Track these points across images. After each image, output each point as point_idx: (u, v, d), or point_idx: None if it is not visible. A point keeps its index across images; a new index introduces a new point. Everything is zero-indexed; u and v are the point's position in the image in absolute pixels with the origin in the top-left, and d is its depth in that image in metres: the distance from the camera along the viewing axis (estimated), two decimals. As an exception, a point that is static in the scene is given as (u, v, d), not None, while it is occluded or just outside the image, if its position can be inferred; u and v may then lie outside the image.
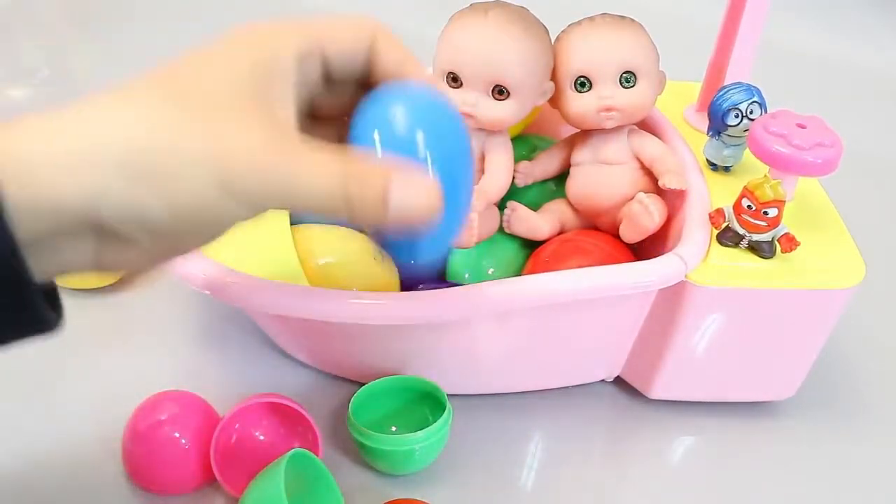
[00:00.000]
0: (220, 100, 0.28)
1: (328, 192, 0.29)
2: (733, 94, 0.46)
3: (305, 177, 0.28)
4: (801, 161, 0.42)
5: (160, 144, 0.27)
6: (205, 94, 0.28)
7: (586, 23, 0.47)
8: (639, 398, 0.51)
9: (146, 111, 0.27)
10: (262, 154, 0.28)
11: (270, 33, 0.31)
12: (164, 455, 0.42)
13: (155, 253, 0.30)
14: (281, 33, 0.31)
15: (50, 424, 0.46)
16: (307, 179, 0.28)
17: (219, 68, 0.29)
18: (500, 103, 0.45)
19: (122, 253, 0.29)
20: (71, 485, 0.43)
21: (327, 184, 0.29)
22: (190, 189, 0.27)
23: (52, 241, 0.27)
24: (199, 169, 0.27)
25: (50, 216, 0.26)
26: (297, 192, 0.29)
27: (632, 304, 0.45)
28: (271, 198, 0.29)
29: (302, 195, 0.29)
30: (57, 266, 0.29)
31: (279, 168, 0.28)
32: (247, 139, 0.28)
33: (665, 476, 0.47)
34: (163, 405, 0.42)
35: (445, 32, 0.45)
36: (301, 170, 0.28)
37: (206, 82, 0.29)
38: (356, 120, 0.33)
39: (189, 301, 0.54)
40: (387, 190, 0.29)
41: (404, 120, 0.32)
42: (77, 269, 0.29)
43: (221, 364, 0.51)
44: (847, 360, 0.55)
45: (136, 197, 0.27)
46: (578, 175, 0.49)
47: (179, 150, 0.27)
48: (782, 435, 0.50)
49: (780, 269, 0.43)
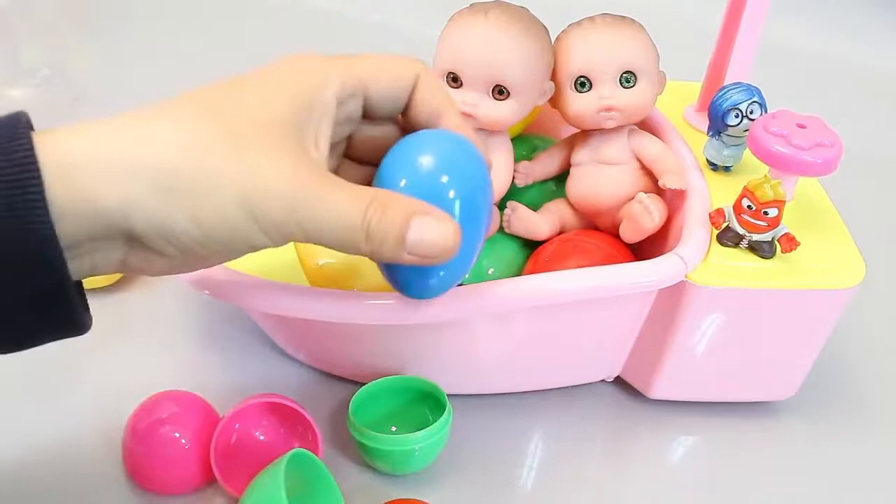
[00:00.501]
0: (256, 128, 0.29)
1: (349, 225, 0.30)
2: (733, 94, 0.46)
3: (327, 211, 0.29)
4: (801, 161, 0.42)
5: (190, 164, 0.28)
6: (241, 122, 0.29)
7: (586, 23, 0.47)
8: (639, 398, 0.51)
9: (183, 131, 0.29)
10: (286, 185, 0.29)
11: (315, 69, 0.32)
12: (164, 455, 0.42)
13: (180, 263, 0.31)
14: (326, 70, 0.32)
15: (50, 424, 0.46)
16: (329, 213, 0.30)
17: (259, 97, 0.30)
18: (501, 103, 0.45)
19: (149, 261, 0.30)
20: (71, 484, 0.43)
21: (348, 217, 0.30)
22: (216, 210, 0.28)
23: (87, 244, 0.28)
24: (225, 192, 0.28)
25: (87, 220, 0.27)
26: (318, 224, 0.30)
27: (632, 304, 0.45)
28: (293, 228, 0.30)
29: (323, 228, 0.30)
30: (88, 268, 0.29)
31: (301, 201, 0.29)
32: (274, 170, 0.29)
33: (665, 476, 0.47)
34: (163, 405, 0.43)
35: (445, 32, 0.45)
36: (324, 204, 0.29)
37: (245, 109, 0.30)
38: (386, 161, 0.34)
39: (189, 301, 0.54)
40: (407, 227, 0.31)
41: (433, 164, 0.33)
42: (104, 271, 0.30)
43: (221, 364, 0.51)
44: (847, 360, 0.55)
45: (165, 211, 0.28)
46: (578, 175, 0.49)
47: (208, 172, 0.28)
48: (782, 435, 0.50)
49: (780, 269, 0.43)
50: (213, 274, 0.41)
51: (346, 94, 0.33)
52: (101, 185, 0.27)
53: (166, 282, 0.55)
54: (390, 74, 0.34)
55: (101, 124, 0.28)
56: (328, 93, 0.32)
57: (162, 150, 0.28)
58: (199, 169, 0.28)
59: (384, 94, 0.34)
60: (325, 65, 0.33)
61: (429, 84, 0.35)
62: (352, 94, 0.33)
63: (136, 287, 0.55)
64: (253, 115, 0.30)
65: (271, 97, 0.31)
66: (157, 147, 0.28)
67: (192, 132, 0.29)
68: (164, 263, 0.30)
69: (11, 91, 0.75)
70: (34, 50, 0.83)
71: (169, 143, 0.28)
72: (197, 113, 0.29)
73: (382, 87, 0.34)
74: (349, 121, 0.35)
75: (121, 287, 0.55)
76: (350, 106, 0.34)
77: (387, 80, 0.34)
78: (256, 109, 0.30)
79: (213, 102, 0.30)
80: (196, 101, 0.30)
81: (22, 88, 0.75)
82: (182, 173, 0.28)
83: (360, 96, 0.34)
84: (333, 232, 0.30)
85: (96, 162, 0.27)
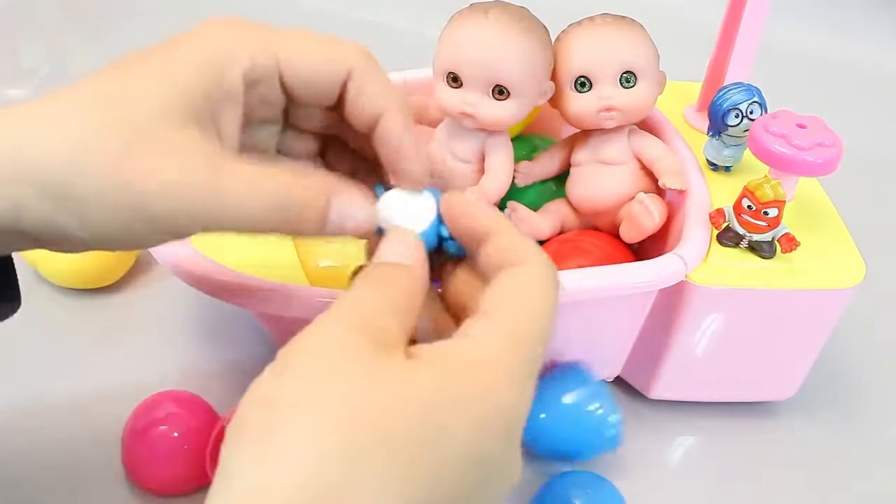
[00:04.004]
0: (147, 120, 0.27)
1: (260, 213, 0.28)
2: (733, 94, 0.46)
3: (231, 200, 0.27)
4: (801, 161, 0.42)
5: (78, 167, 0.26)
6: (133, 114, 0.27)
7: (586, 23, 0.47)
8: (639, 398, 0.51)
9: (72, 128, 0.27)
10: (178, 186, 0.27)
11: (223, 44, 0.29)
12: (164, 455, 0.41)
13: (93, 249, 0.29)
14: (235, 45, 0.29)
15: (49, 424, 0.46)
16: (234, 202, 0.27)
17: (157, 81, 0.28)
18: (501, 103, 0.45)
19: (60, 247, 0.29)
20: (70, 484, 0.43)
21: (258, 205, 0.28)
22: (105, 213, 0.26)
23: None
24: (114, 194, 0.26)
25: None
26: (222, 215, 0.27)
27: (632, 304, 0.45)
28: (191, 224, 0.28)
29: (229, 217, 0.28)
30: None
31: (198, 196, 0.27)
32: (166, 167, 0.27)
33: (665, 476, 0.47)
34: (162, 405, 0.42)
35: (445, 32, 0.45)
36: (227, 199, 0.27)
37: (139, 99, 0.27)
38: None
39: (189, 301, 0.54)
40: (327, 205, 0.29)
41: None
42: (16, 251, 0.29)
43: (221, 364, 0.51)
44: (847, 360, 0.55)
45: (54, 215, 0.26)
46: (578, 175, 0.49)
47: (96, 173, 0.26)
48: (782, 435, 0.50)
49: (780, 269, 0.43)
50: (213, 274, 0.41)
51: (256, 76, 0.29)
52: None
53: (166, 282, 0.55)
54: (314, 57, 0.30)
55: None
56: (234, 72, 0.29)
57: (49, 150, 0.26)
58: (87, 171, 0.26)
59: (304, 80, 0.30)
60: (236, 38, 0.29)
61: (366, 79, 0.30)
62: (263, 76, 0.30)
63: (136, 287, 0.55)
64: (146, 106, 0.27)
65: (169, 82, 0.28)
66: (44, 147, 0.26)
67: (81, 129, 0.26)
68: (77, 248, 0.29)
69: (11, 91, 0.75)
70: (34, 50, 0.83)
71: (57, 143, 0.26)
72: (88, 106, 0.27)
73: (302, 70, 0.30)
74: (268, 103, 0.31)
75: (121, 287, 0.55)
76: (264, 88, 0.30)
77: (308, 63, 0.30)
78: (151, 98, 0.27)
79: (106, 92, 0.28)
80: (89, 91, 0.28)
81: (22, 88, 0.75)
82: (69, 176, 0.26)
83: (275, 78, 0.30)
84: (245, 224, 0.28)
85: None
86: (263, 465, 0.21)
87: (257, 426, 0.22)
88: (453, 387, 0.24)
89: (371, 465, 0.21)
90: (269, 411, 0.22)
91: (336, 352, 0.23)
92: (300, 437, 0.21)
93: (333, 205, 0.29)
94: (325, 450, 0.21)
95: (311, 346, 0.24)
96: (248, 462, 0.22)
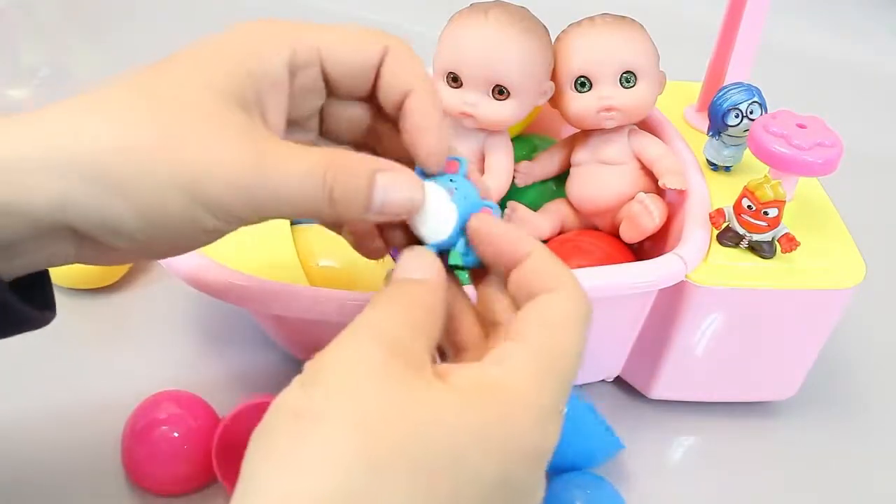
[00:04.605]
0: (191, 105, 0.27)
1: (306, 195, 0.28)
2: (733, 94, 0.46)
3: (279, 185, 0.27)
4: (801, 161, 0.42)
5: (127, 156, 0.26)
6: (182, 103, 0.27)
7: (586, 23, 0.47)
8: (639, 398, 0.51)
9: (116, 118, 0.27)
10: (229, 165, 0.27)
11: (264, 36, 0.30)
12: (164, 455, 0.41)
13: (135, 255, 0.29)
14: (276, 37, 0.30)
15: (49, 424, 0.46)
16: (284, 182, 0.27)
17: (201, 73, 0.28)
18: (501, 103, 0.45)
19: (102, 253, 0.28)
20: (70, 484, 0.43)
21: (306, 181, 0.27)
22: (156, 197, 0.26)
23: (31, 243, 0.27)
24: (162, 178, 0.26)
25: (23, 223, 0.26)
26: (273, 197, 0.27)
27: (632, 304, 0.45)
28: (244, 209, 0.27)
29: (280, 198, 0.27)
30: (40, 263, 0.28)
31: (249, 178, 0.27)
32: (214, 148, 0.27)
33: (665, 476, 0.47)
34: (163, 405, 0.42)
35: (445, 32, 0.45)
36: (274, 178, 0.27)
37: (186, 88, 0.28)
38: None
39: (189, 301, 0.54)
40: (372, 188, 0.28)
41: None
42: (59, 264, 0.29)
43: (221, 364, 0.51)
44: (847, 360, 0.55)
45: (105, 206, 0.26)
46: (578, 175, 0.49)
47: (142, 159, 0.26)
48: (782, 435, 0.50)
49: (780, 269, 0.43)
50: (213, 274, 0.41)
51: (300, 62, 0.30)
52: (34, 185, 0.25)
53: (166, 282, 0.55)
54: (351, 46, 0.30)
55: (28, 118, 0.26)
56: (277, 61, 0.29)
57: (92, 141, 0.26)
58: (136, 155, 0.26)
59: (344, 68, 0.31)
60: (276, 31, 0.30)
61: (399, 58, 0.31)
62: (306, 63, 0.30)
63: (136, 287, 0.55)
64: (195, 97, 0.27)
65: (215, 74, 0.28)
66: (89, 139, 0.26)
67: (123, 119, 0.26)
68: (118, 255, 0.29)
69: (11, 91, 0.75)
70: (34, 50, 0.83)
71: (104, 130, 0.26)
72: (127, 97, 0.27)
73: (341, 59, 0.30)
74: (310, 93, 0.31)
75: (121, 287, 0.55)
76: (306, 77, 0.30)
77: (346, 52, 0.30)
78: (199, 90, 0.28)
79: (151, 84, 0.28)
80: (133, 83, 0.28)
81: (22, 88, 0.75)
82: (118, 165, 0.26)
83: (317, 66, 0.30)
84: (290, 204, 0.28)
85: (23, 160, 0.25)
86: (291, 475, 0.22)
87: (286, 436, 0.23)
88: (480, 414, 0.24)
89: (395, 482, 0.22)
90: (297, 423, 0.23)
91: (365, 369, 0.24)
92: (328, 450, 0.22)
93: (378, 182, 0.28)
94: (351, 463, 0.22)
95: (340, 362, 0.24)
96: (276, 470, 0.22)
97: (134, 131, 0.26)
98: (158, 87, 0.28)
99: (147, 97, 0.27)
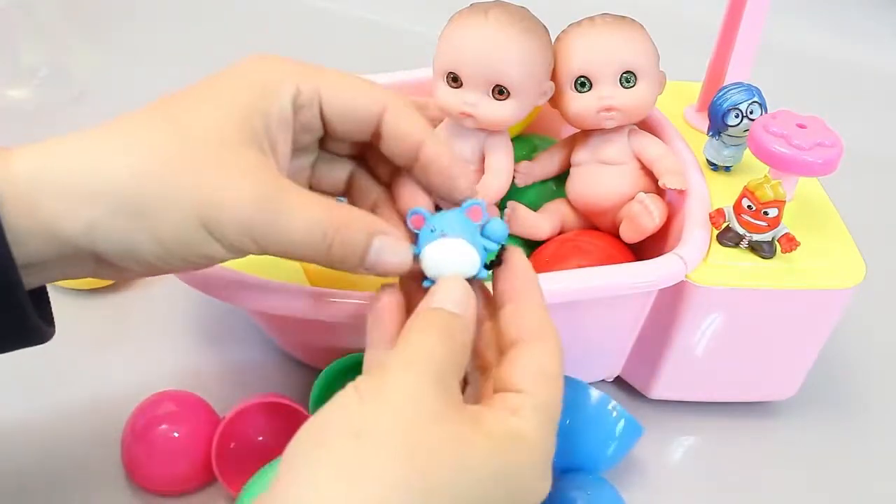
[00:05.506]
0: (211, 141, 0.29)
1: (308, 242, 0.30)
2: (733, 94, 0.46)
3: (285, 229, 0.29)
4: (801, 161, 0.42)
5: (148, 186, 0.28)
6: (196, 135, 0.29)
7: (586, 23, 0.47)
8: (639, 398, 0.51)
9: (138, 150, 0.28)
10: (242, 203, 0.29)
11: (272, 73, 0.32)
12: (164, 455, 0.42)
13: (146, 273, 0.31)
14: (283, 74, 0.32)
15: (49, 424, 0.46)
16: (289, 227, 0.29)
17: (216, 107, 0.30)
18: (501, 103, 0.45)
19: (118, 272, 0.31)
20: (70, 484, 0.43)
21: (309, 233, 0.30)
22: (176, 228, 0.28)
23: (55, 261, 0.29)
24: (184, 210, 0.28)
25: (52, 246, 0.28)
26: (278, 240, 0.30)
27: (632, 304, 0.45)
28: (253, 244, 0.30)
29: (283, 242, 0.30)
30: (56, 277, 0.30)
31: (258, 218, 0.29)
32: (229, 185, 0.29)
33: (665, 476, 0.47)
34: (163, 405, 0.43)
35: (445, 32, 0.45)
36: (281, 222, 0.29)
37: (200, 121, 0.29)
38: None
39: (189, 301, 0.54)
40: (368, 247, 0.31)
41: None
42: (74, 279, 0.31)
43: (221, 364, 0.51)
44: (847, 360, 0.55)
45: (128, 234, 0.28)
46: (578, 175, 0.49)
47: (165, 191, 0.28)
48: (782, 435, 0.50)
49: (780, 269, 0.43)
50: (213, 274, 0.41)
51: (303, 101, 0.32)
52: (64, 212, 0.27)
53: (166, 282, 0.55)
54: (350, 94, 0.33)
55: (58, 145, 0.28)
56: (284, 97, 0.31)
57: (121, 172, 0.28)
58: (157, 189, 0.28)
59: (341, 113, 0.33)
60: (283, 69, 0.32)
61: (399, 113, 0.33)
62: (309, 101, 0.32)
63: (135, 287, 0.55)
64: (208, 127, 0.29)
65: (226, 106, 0.30)
66: (116, 168, 0.28)
67: (147, 151, 0.28)
68: (131, 274, 0.31)
69: (11, 91, 0.75)
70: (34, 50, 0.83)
71: (128, 165, 0.28)
72: (151, 129, 0.29)
73: (340, 104, 0.33)
74: (309, 130, 0.33)
75: (120, 287, 0.55)
76: (307, 114, 0.33)
77: (346, 98, 0.33)
78: (211, 120, 0.30)
79: (167, 116, 0.30)
80: (155, 115, 0.30)
81: (22, 88, 0.75)
82: (141, 195, 0.28)
83: (317, 107, 0.33)
84: (292, 248, 0.30)
85: (57, 188, 0.27)
86: (351, 485, 0.24)
87: (346, 451, 0.25)
88: (506, 461, 0.27)
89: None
90: (358, 441, 0.25)
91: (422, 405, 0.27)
92: (387, 474, 0.25)
93: (374, 244, 0.31)
94: (405, 489, 0.25)
95: (399, 391, 0.27)
96: (332, 481, 0.25)
97: (155, 162, 0.28)
98: (180, 120, 0.29)
99: (170, 130, 0.29)
